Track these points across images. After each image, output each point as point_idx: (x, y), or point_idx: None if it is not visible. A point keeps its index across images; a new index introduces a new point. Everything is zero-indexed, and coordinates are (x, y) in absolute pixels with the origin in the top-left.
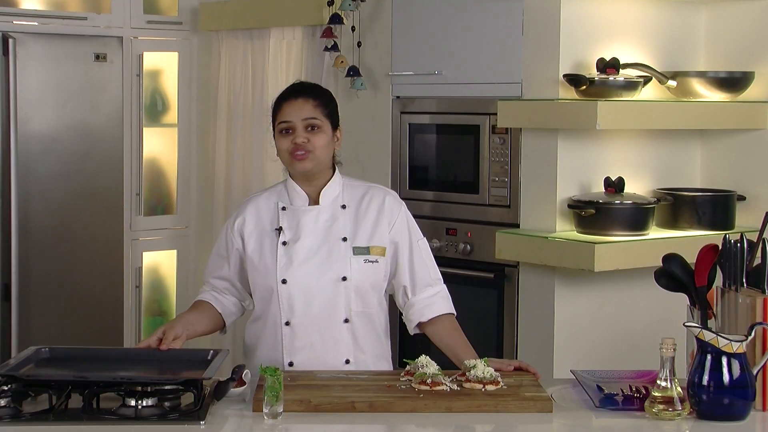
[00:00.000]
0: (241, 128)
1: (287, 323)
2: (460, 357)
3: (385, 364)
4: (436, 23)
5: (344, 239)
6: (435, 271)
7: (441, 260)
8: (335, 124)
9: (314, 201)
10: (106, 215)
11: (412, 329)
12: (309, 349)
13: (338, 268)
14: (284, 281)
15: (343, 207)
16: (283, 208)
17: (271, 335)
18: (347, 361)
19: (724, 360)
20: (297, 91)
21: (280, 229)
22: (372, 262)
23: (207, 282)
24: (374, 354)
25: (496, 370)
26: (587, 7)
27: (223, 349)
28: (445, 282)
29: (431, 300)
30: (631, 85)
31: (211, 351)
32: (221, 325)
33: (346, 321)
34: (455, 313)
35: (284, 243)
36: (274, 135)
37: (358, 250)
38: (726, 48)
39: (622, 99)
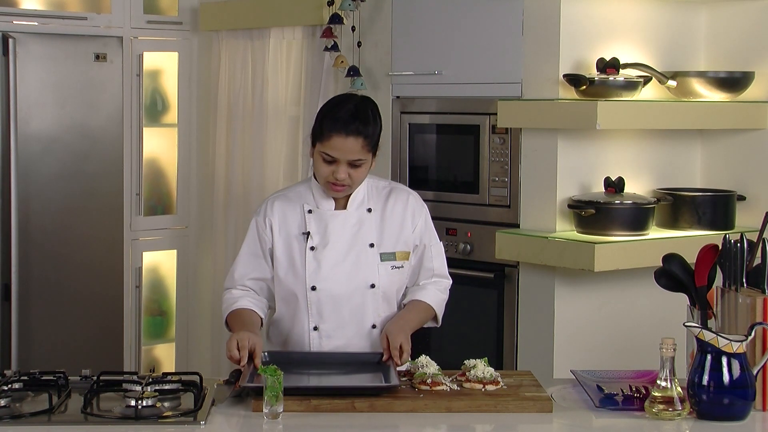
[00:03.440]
0: (241, 128)
1: (315, 328)
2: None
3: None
4: (436, 23)
5: (371, 245)
6: (441, 269)
7: None
8: (376, 151)
9: (340, 204)
10: (106, 215)
11: None
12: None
13: (367, 275)
14: (314, 288)
15: (369, 210)
16: (309, 211)
17: (298, 338)
18: None
19: (724, 360)
20: (349, 126)
21: (307, 234)
22: (398, 267)
23: (241, 285)
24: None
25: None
26: (587, 7)
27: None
28: None
29: (423, 285)
30: (631, 85)
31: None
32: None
33: (374, 327)
34: (434, 309)
35: (312, 248)
36: (312, 145)
37: (385, 257)
38: (726, 48)
39: (622, 99)
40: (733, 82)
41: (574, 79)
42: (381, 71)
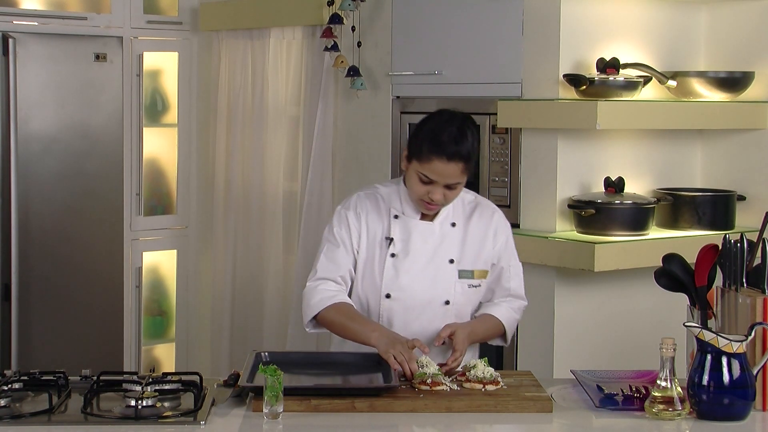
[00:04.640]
0: (241, 128)
1: None
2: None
3: None
4: (436, 23)
5: (451, 261)
6: (518, 290)
7: None
8: (472, 171)
9: (427, 215)
10: (106, 215)
11: None
12: None
13: (443, 291)
14: (388, 296)
15: (453, 225)
16: (396, 216)
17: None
18: None
19: (724, 360)
20: (451, 150)
21: (391, 240)
22: (475, 286)
23: (333, 278)
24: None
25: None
26: (587, 7)
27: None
28: None
29: (497, 302)
30: (631, 85)
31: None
32: None
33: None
34: (504, 326)
35: (393, 255)
36: (408, 159)
37: (463, 274)
38: (726, 48)
39: (622, 99)
40: (733, 82)
41: (574, 79)
42: (381, 71)
